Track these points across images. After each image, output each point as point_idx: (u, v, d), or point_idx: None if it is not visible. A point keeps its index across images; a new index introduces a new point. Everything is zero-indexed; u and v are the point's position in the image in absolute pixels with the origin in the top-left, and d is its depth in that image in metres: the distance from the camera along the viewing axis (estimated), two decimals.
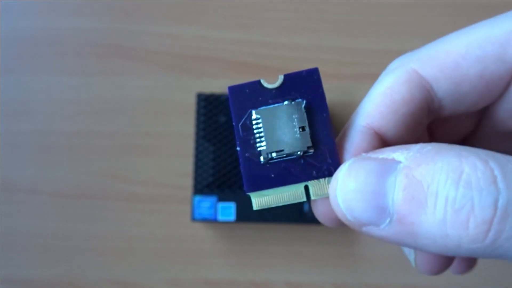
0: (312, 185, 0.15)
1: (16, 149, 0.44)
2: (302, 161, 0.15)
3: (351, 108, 0.44)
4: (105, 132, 0.44)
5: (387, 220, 0.13)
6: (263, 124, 0.15)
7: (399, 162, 0.13)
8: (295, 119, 0.15)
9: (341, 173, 0.14)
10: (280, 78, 0.15)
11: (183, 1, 0.46)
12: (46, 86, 0.45)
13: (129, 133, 0.44)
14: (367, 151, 0.15)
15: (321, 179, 0.15)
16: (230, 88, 0.16)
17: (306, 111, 0.15)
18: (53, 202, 0.44)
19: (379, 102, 0.16)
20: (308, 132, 0.15)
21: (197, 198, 0.41)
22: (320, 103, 0.15)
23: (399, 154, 0.13)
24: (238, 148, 0.15)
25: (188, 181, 0.43)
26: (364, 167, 0.13)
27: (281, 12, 0.45)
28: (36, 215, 0.44)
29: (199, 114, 0.42)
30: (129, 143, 0.44)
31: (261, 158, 0.15)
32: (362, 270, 0.43)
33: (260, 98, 0.16)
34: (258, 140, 0.15)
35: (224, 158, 0.42)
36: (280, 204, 0.15)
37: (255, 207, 0.15)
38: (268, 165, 0.15)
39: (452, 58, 0.15)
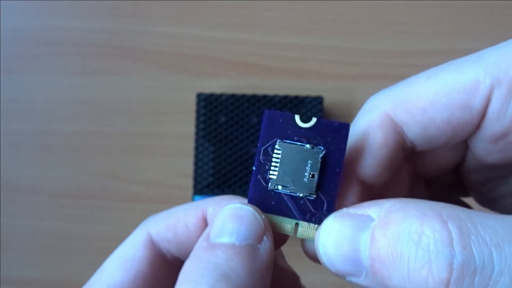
0: (302, 225, 0.16)
1: (16, 149, 0.44)
2: (302, 201, 0.16)
3: (351, 108, 0.44)
4: (105, 132, 0.44)
5: (364, 273, 0.14)
6: (281, 157, 0.16)
7: (372, 219, 0.14)
8: (309, 165, 0.16)
9: (322, 230, 0.15)
10: (313, 120, 0.16)
11: (183, 1, 0.46)
12: (46, 86, 0.45)
13: (129, 133, 0.44)
14: (349, 196, 0.16)
15: (311, 224, 0.16)
16: (267, 112, 0.16)
17: (322, 160, 0.16)
18: (53, 202, 0.44)
19: (356, 146, 0.17)
20: (316, 180, 0.16)
21: (197, 198, 0.41)
22: (338, 158, 0.16)
23: (373, 211, 0.14)
24: (254, 168, 0.16)
25: (188, 181, 0.43)
26: (341, 225, 0.15)
27: (281, 12, 0.45)
28: (36, 215, 0.44)
29: (199, 114, 0.42)
30: (129, 143, 0.44)
31: (269, 185, 0.16)
32: None
33: (288, 132, 0.16)
34: (272, 168, 0.16)
35: (224, 158, 0.42)
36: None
37: None
38: (272, 193, 0.16)
39: (421, 104, 0.16)
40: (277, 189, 0.16)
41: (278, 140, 0.16)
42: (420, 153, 0.18)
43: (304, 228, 0.16)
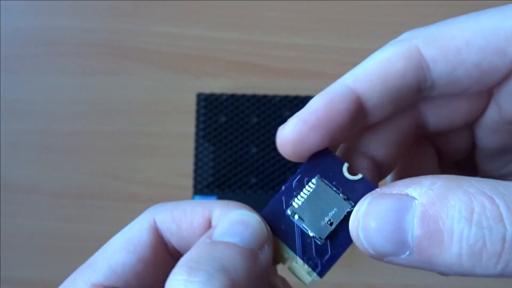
0: (297, 262, 0.16)
1: (16, 149, 0.44)
2: (309, 240, 0.17)
3: None
4: (105, 132, 0.44)
5: (407, 252, 0.14)
6: (312, 192, 0.17)
7: (414, 198, 0.14)
8: (333, 212, 0.16)
9: (361, 213, 0.15)
10: (358, 176, 0.16)
11: (183, 1, 0.46)
12: (46, 86, 0.45)
13: (129, 133, 0.44)
14: (340, 113, 0.16)
15: (305, 265, 0.16)
16: (324, 150, 0.17)
17: (346, 215, 0.16)
18: (53, 202, 0.44)
19: (372, 70, 0.16)
20: (332, 229, 0.16)
21: (197, 198, 0.41)
22: None
23: (412, 190, 0.14)
24: (283, 187, 0.17)
25: (188, 181, 0.43)
26: (382, 206, 0.14)
27: (281, 12, 0.45)
28: (36, 215, 0.44)
29: (199, 114, 0.42)
30: (129, 143, 0.44)
31: (288, 210, 0.17)
32: (362, 270, 0.43)
33: (331, 174, 0.17)
34: (298, 198, 0.17)
35: (224, 158, 0.42)
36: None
37: None
38: (286, 218, 0.17)
39: (456, 43, 0.15)
40: (293, 217, 0.17)
41: (317, 176, 0.17)
42: (436, 102, 0.18)
43: (298, 266, 0.16)
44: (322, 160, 0.17)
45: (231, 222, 0.16)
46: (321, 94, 0.17)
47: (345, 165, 0.17)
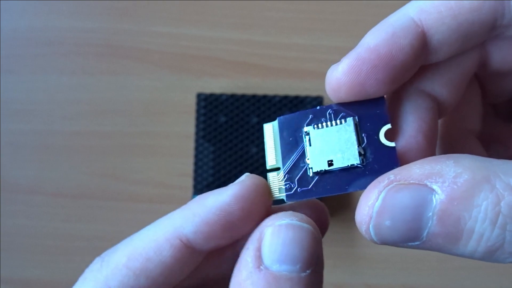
0: (279, 174, 0.16)
1: (16, 149, 0.44)
2: (302, 164, 0.16)
3: None
4: (105, 132, 0.44)
5: (417, 243, 0.13)
6: (336, 127, 0.16)
7: (434, 191, 0.13)
8: (339, 156, 0.15)
9: (375, 209, 0.13)
10: (391, 144, 0.15)
11: (183, 1, 0.46)
12: (46, 86, 0.45)
13: (129, 133, 0.44)
14: (403, 49, 0.14)
15: (283, 181, 0.16)
16: (379, 98, 0.15)
17: (349, 167, 0.15)
18: (53, 202, 0.44)
19: (441, 1, 0.14)
20: (327, 169, 0.15)
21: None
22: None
23: (433, 182, 0.13)
24: (318, 107, 0.16)
25: (188, 181, 0.43)
26: (399, 203, 0.13)
27: (281, 12, 0.45)
28: (36, 215, 0.44)
29: (199, 114, 0.42)
30: (129, 143, 0.44)
31: (305, 128, 0.16)
32: (362, 270, 0.43)
33: (368, 124, 0.15)
34: (321, 124, 0.16)
35: (224, 158, 0.42)
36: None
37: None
38: (299, 132, 0.16)
39: None
40: (305, 136, 0.16)
41: (355, 117, 0.15)
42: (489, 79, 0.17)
43: (277, 178, 0.16)
44: (371, 107, 0.15)
45: (282, 240, 0.14)
46: (380, 28, 0.14)
47: (386, 126, 0.15)
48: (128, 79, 0.45)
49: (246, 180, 0.15)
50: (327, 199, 0.44)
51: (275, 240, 0.14)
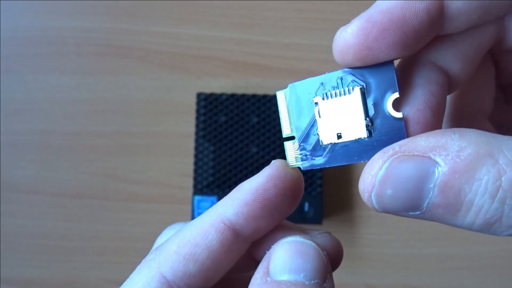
0: (294, 143, 0.16)
1: (16, 149, 0.44)
2: (314, 134, 0.16)
3: None
4: (105, 132, 0.44)
5: (417, 212, 0.13)
6: (343, 97, 0.16)
7: (437, 163, 0.13)
8: (347, 129, 0.16)
9: (378, 178, 0.13)
10: (398, 114, 0.15)
11: (183, 1, 0.46)
12: (46, 86, 0.45)
13: (129, 133, 0.44)
14: (418, 14, 0.14)
15: (298, 150, 0.16)
16: (387, 63, 0.15)
17: (357, 139, 0.16)
18: (53, 202, 0.44)
19: None
20: (336, 141, 0.16)
21: (197, 198, 0.41)
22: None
23: (437, 154, 0.13)
24: (326, 73, 0.16)
25: (188, 181, 0.43)
26: (402, 173, 0.13)
27: (281, 12, 0.45)
28: (36, 215, 0.44)
29: (199, 114, 0.42)
30: (129, 143, 0.44)
31: (315, 98, 0.16)
32: (362, 270, 0.43)
33: (376, 93, 0.15)
34: (330, 93, 0.16)
35: (224, 158, 0.42)
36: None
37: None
38: (310, 101, 0.16)
39: None
40: (314, 107, 0.16)
41: (362, 86, 0.15)
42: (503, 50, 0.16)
43: (293, 147, 0.16)
44: (380, 74, 0.15)
45: (288, 254, 0.14)
46: None
47: (394, 95, 0.15)
48: (128, 79, 0.45)
49: (275, 162, 0.16)
50: (329, 200, 0.44)
51: (281, 254, 0.14)
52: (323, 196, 0.41)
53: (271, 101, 0.42)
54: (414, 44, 0.14)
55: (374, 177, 0.13)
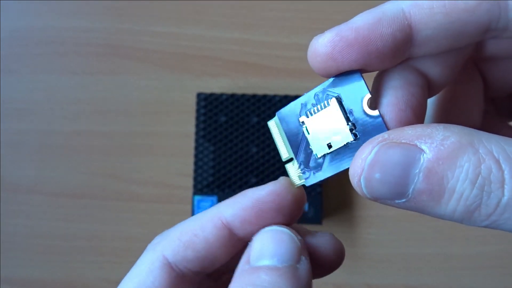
0: (294, 164, 0.18)
1: (16, 149, 0.44)
2: (309, 151, 0.17)
3: None
4: (105, 132, 0.44)
5: (403, 200, 0.14)
6: (324, 110, 0.17)
7: (422, 151, 0.13)
8: (336, 138, 0.17)
9: (367, 162, 0.14)
10: (375, 112, 0.16)
11: (183, 1, 0.46)
12: (46, 86, 0.45)
13: (129, 133, 0.44)
14: (384, 38, 0.15)
15: (299, 170, 0.18)
16: (355, 71, 0.16)
17: (346, 145, 0.17)
18: (53, 202, 0.44)
19: None
20: (329, 151, 0.17)
21: (197, 198, 0.41)
22: None
23: (422, 142, 0.13)
24: (304, 94, 0.18)
25: (188, 181, 0.43)
26: (390, 158, 0.14)
27: (281, 12, 0.45)
28: (36, 215, 0.44)
29: (199, 114, 0.42)
30: (129, 143, 0.44)
31: (300, 117, 0.18)
32: (362, 270, 0.43)
33: (351, 98, 0.16)
34: (312, 110, 0.17)
35: (224, 158, 0.42)
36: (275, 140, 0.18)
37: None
38: (298, 122, 0.18)
39: None
40: (302, 126, 0.18)
41: (336, 96, 0.17)
42: (492, 63, 0.17)
43: (294, 167, 0.18)
44: (349, 82, 0.16)
45: (264, 242, 0.16)
46: (370, 12, 0.15)
47: (367, 96, 0.16)
48: (128, 79, 0.45)
49: (281, 180, 0.18)
50: (329, 200, 0.44)
51: (258, 242, 0.16)
52: (323, 196, 0.41)
53: (271, 101, 0.42)
54: (378, 63, 0.15)
55: (364, 160, 0.14)
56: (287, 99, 0.42)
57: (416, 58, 0.16)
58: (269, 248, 0.16)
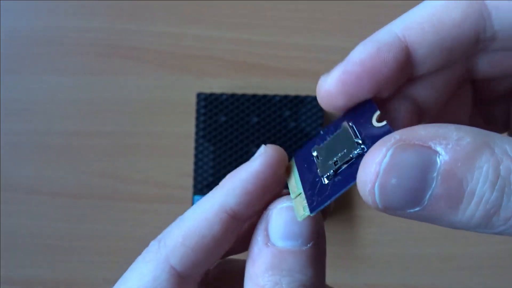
0: (301, 196, 0.16)
1: (16, 149, 0.44)
2: (317, 179, 0.16)
3: None
4: (105, 132, 0.44)
5: (417, 209, 0.13)
6: (335, 135, 0.17)
7: (438, 153, 0.13)
8: (342, 154, 0.16)
9: (383, 166, 0.13)
10: (383, 123, 0.16)
11: (183, 1, 0.46)
12: (46, 86, 0.45)
13: (129, 133, 0.44)
14: (388, 64, 0.15)
15: (305, 200, 0.16)
16: (366, 100, 0.16)
17: (351, 158, 0.16)
18: (53, 202, 0.44)
19: (425, 17, 0.15)
20: (334, 168, 0.16)
21: (197, 198, 0.41)
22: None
23: (437, 144, 0.13)
24: (321, 132, 0.18)
25: (188, 181, 0.43)
26: (406, 161, 0.13)
27: (281, 12, 0.45)
28: (36, 215, 0.44)
29: (199, 114, 0.42)
30: (129, 143, 0.44)
31: (313, 151, 0.17)
32: (362, 270, 0.43)
33: (361, 120, 0.16)
34: (325, 140, 0.17)
35: (224, 158, 0.42)
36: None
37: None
38: (311, 157, 0.17)
39: None
40: (313, 156, 0.17)
41: (346, 120, 0.16)
42: (482, 77, 0.17)
43: (300, 200, 0.16)
44: (361, 107, 0.16)
45: (286, 221, 0.16)
46: (367, 43, 0.16)
47: (376, 113, 0.15)
48: (128, 79, 0.45)
49: (267, 149, 0.17)
50: None
51: (278, 220, 0.16)
52: None
53: (271, 101, 0.42)
54: (388, 87, 0.16)
55: (379, 165, 0.13)
56: (287, 99, 0.42)
57: (412, 85, 0.17)
58: (293, 228, 0.15)
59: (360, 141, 0.15)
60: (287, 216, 0.16)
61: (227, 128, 0.42)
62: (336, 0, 0.45)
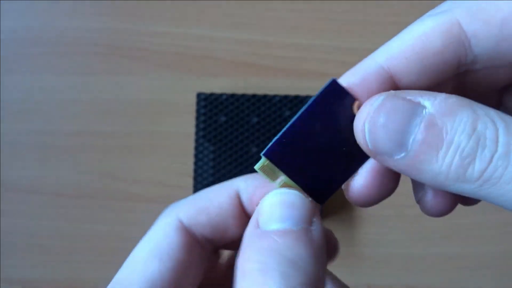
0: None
1: (16, 149, 0.44)
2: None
3: None
4: (105, 132, 0.44)
5: (402, 154, 0.15)
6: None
7: (425, 107, 0.14)
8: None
9: (373, 107, 0.15)
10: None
11: (183, 1, 0.46)
12: (46, 86, 0.45)
13: (129, 133, 0.44)
14: (372, 93, 0.16)
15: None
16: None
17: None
18: (53, 202, 0.44)
19: (407, 46, 0.16)
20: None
21: None
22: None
23: (426, 99, 0.14)
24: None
25: (188, 181, 0.43)
26: (394, 106, 0.15)
27: (281, 12, 0.45)
28: (36, 215, 0.44)
29: (199, 114, 0.42)
30: (129, 143, 0.44)
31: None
32: (363, 270, 0.43)
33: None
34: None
35: (224, 158, 0.42)
36: None
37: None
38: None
39: (502, 15, 0.15)
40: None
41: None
42: (473, 71, 0.18)
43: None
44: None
45: (274, 205, 0.16)
46: (352, 73, 0.17)
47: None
48: (128, 79, 0.45)
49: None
50: (329, 200, 0.44)
51: (267, 206, 0.16)
52: None
53: (271, 101, 0.42)
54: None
55: (371, 106, 0.15)
56: (287, 99, 0.42)
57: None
58: (281, 211, 0.16)
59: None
60: (276, 200, 0.16)
61: (227, 128, 0.42)
62: (336, 0, 0.45)
